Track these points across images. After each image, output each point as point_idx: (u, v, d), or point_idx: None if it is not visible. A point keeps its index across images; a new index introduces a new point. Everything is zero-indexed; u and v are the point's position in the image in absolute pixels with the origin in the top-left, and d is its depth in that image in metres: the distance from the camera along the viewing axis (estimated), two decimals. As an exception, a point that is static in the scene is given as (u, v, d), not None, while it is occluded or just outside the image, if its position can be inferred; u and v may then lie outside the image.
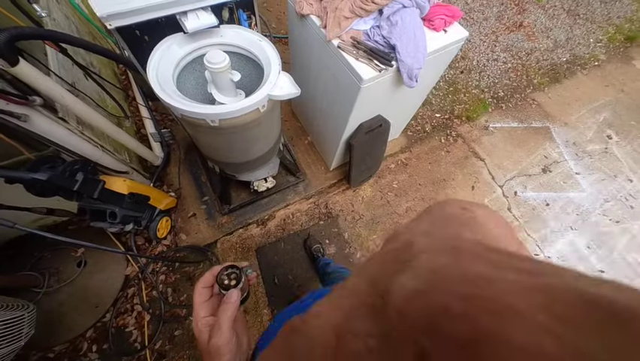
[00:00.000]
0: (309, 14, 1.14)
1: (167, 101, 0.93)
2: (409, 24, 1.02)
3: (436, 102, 2.38)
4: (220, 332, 0.34)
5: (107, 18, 0.90)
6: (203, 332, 0.35)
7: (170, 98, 0.95)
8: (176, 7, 1.00)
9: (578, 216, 2.04)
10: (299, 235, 1.71)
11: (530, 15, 3.15)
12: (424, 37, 1.06)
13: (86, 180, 0.98)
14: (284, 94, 1.02)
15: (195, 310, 0.37)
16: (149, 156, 1.58)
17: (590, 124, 2.49)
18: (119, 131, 1.29)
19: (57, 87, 0.95)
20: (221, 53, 0.99)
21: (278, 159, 1.62)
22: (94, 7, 0.85)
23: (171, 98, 0.95)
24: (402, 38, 1.01)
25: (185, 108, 0.93)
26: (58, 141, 1.01)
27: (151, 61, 1.01)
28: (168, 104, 0.94)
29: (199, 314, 0.37)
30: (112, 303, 1.39)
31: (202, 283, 0.39)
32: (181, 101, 0.95)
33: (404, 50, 1.02)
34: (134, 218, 1.33)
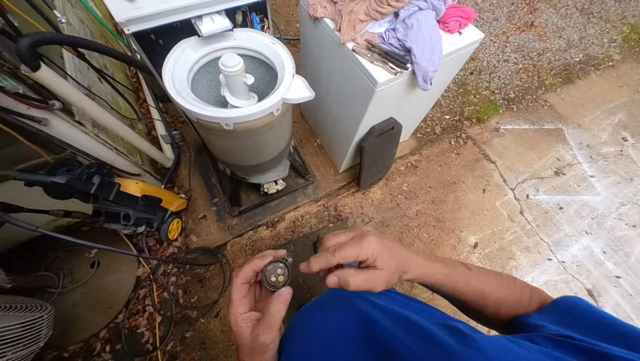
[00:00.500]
0: (322, 17, 1.14)
1: (183, 105, 0.94)
2: (424, 26, 1.00)
3: (446, 104, 2.35)
4: (270, 330, 0.33)
5: (126, 23, 0.90)
6: (244, 328, 0.34)
7: (185, 102, 0.95)
8: (192, 12, 1.00)
9: (593, 220, 1.99)
10: (308, 238, 1.70)
11: (542, 14, 3.10)
12: (439, 39, 1.05)
13: (102, 183, 0.99)
14: (298, 97, 1.02)
15: (234, 306, 0.35)
16: (160, 158, 1.59)
17: (605, 126, 2.44)
18: (132, 133, 1.31)
19: (75, 91, 0.96)
20: (235, 57, 0.99)
21: (288, 162, 1.61)
22: (113, 12, 0.86)
23: (187, 102, 0.95)
24: (418, 41, 1.00)
25: (201, 112, 0.93)
26: (76, 144, 1.03)
27: (166, 65, 1.01)
28: (184, 107, 0.94)
29: (238, 311, 0.35)
30: (124, 304, 1.40)
31: (241, 279, 0.36)
32: (197, 105, 0.95)
33: (420, 52, 1.01)
34: (147, 220, 1.34)
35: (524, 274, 1.75)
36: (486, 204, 1.96)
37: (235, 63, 0.99)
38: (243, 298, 0.36)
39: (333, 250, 0.34)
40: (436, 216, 1.88)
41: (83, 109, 1.02)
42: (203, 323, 1.44)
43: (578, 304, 0.34)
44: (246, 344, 0.34)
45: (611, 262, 1.85)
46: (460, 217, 1.89)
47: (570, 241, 1.90)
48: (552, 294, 0.39)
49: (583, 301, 0.34)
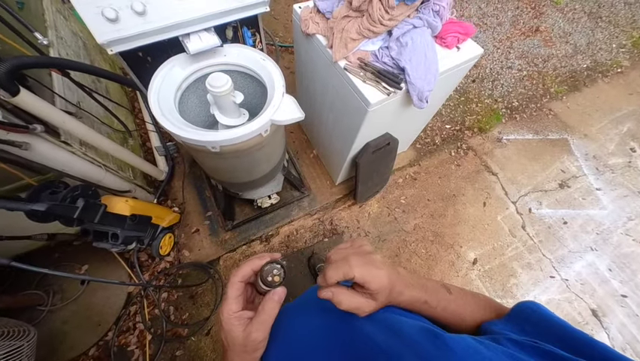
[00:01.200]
0: (314, 34, 1.10)
1: (167, 128, 0.91)
2: (419, 45, 0.96)
3: (446, 113, 2.30)
4: (263, 328, 0.34)
5: (108, 44, 0.88)
6: (236, 325, 0.35)
7: (170, 125, 0.92)
8: (177, 31, 0.98)
9: (599, 236, 1.92)
10: (302, 253, 1.67)
11: (548, 19, 3.02)
12: (435, 58, 1.00)
13: (86, 206, 0.97)
14: (288, 119, 0.98)
15: (228, 304, 0.35)
16: (153, 172, 1.57)
17: (612, 136, 2.36)
18: (122, 150, 1.29)
19: (59, 113, 0.94)
20: (223, 77, 0.96)
21: (282, 176, 1.58)
22: (94, 34, 0.84)
23: (172, 125, 0.92)
24: (412, 60, 0.96)
25: (185, 135, 0.90)
26: (60, 165, 1.01)
27: (152, 85, 0.99)
28: (168, 130, 0.91)
29: (232, 308, 0.35)
30: (114, 321, 1.38)
31: (239, 277, 0.37)
32: (182, 128, 0.92)
33: (414, 72, 0.97)
34: (137, 237, 1.32)
35: (525, 292, 1.70)
36: (486, 219, 1.90)
37: (222, 83, 0.96)
38: (238, 296, 0.36)
39: (351, 266, 0.34)
40: (434, 230, 1.83)
41: (69, 130, 1.00)
42: (194, 342, 1.41)
43: (535, 310, 0.36)
44: (237, 343, 0.35)
45: (616, 280, 1.78)
46: (459, 232, 1.84)
47: (574, 257, 1.83)
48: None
49: (539, 307, 0.36)
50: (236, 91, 1.10)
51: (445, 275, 1.70)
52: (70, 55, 1.39)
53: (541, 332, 0.32)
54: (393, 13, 0.90)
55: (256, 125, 0.94)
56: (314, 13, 1.10)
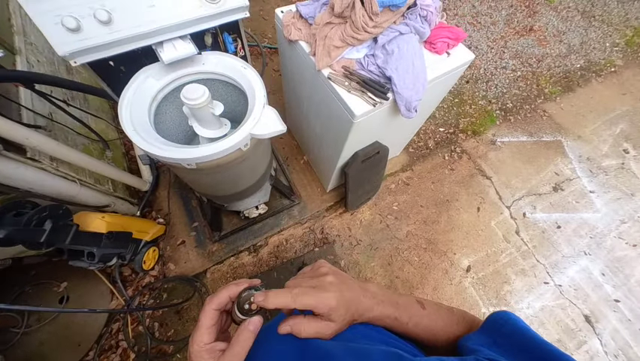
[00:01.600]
0: (297, 40, 1.04)
1: (138, 145, 0.85)
2: (406, 53, 0.91)
3: (440, 115, 2.26)
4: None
5: (71, 56, 0.81)
6: (206, 359, 0.32)
7: (142, 141, 0.86)
8: (149, 40, 0.91)
9: (592, 240, 1.91)
10: (292, 264, 1.63)
11: (542, 18, 2.98)
12: (423, 66, 0.95)
13: (55, 229, 0.91)
14: (268, 132, 0.93)
15: (200, 335, 0.33)
16: (135, 183, 1.51)
17: (606, 137, 2.34)
18: (98, 163, 1.22)
19: (20, 130, 0.88)
20: (199, 88, 0.91)
21: (270, 185, 1.53)
22: (53, 46, 0.77)
23: (143, 141, 0.87)
24: (398, 69, 0.91)
25: (157, 153, 0.85)
26: (26, 184, 0.94)
27: (124, 98, 0.93)
28: (140, 148, 0.85)
29: (203, 339, 0.32)
30: (96, 340, 1.33)
31: (215, 305, 0.34)
32: (154, 145, 0.87)
33: (401, 81, 0.92)
34: (117, 254, 1.26)
35: (519, 299, 1.68)
36: (480, 224, 1.87)
37: (198, 95, 0.90)
38: (212, 326, 0.34)
39: (294, 295, 0.34)
40: (427, 237, 1.79)
41: (34, 147, 0.94)
42: (180, 359, 1.37)
43: (506, 320, 0.36)
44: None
45: (609, 285, 1.77)
46: (452, 238, 1.81)
47: (568, 262, 1.81)
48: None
49: (511, 317, 0.36)
50: (215, 101, 1.04)
51: (439, 283, 1.67)
52: (43, 62, 1.32)
53: (513, 344, 0.33)
54: (377, 19, 0.84)
55: (234, 140, 0.89)
56: (296, 18, 1.04)
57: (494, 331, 0.36)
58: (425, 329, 0.41)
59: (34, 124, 1.04)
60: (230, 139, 0.89)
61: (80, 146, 1.33)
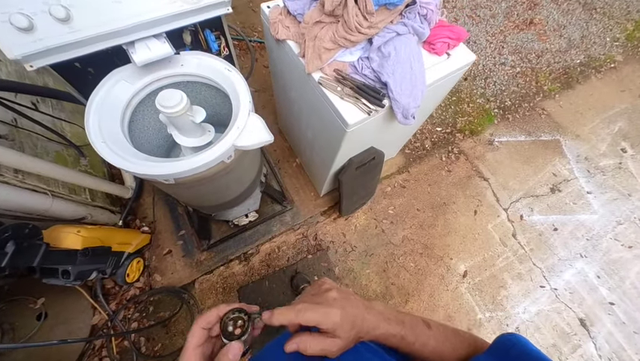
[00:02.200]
0: (285, 40, 0.95)
1: (107, 159, 0.77)
2: (404, 56, 0.83)
3: (437, 115, 2.18)
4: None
5: (25, 59, 0.72)
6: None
7: (113, 155, 0.78)
8: (117, 39, 0.81)
9: (588, 242, 1.89)
10: (285, 272, 1.57)
11: (542, 10, 2.89)
12: (422, 70, 0.88)
13: (19, 251, 0.83)
14: (254, 143, 0.85)
15: (187, 356, 0.32)
16: (115, 190, 1.41)
17: (604, 135, 2.31)
18: (71, 173, 1.13)
19: (-28, 143, 0.78)
20: (175, 94, 0.82)
21: (260, 193, 1.46)
22: (1, 48, 0.67)
23: (114, 155, 0.78)
24: (395, 74, 0.83)
25: (132, 170, 0.76)
26: (-15, 202, 0.85)
27: (91, 105, 0.83)
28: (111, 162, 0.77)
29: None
30: (77, 358, 1.27)
31: (202, 323, 0.34)
32: (127, 160, 0.78)
33: (398, 87, 0.84)
34: (96, 269, 1.18)
35: (515, 304, 1.66)
36: (477, 228, 1.84)
37: (176, 102, 0.81)
38: (198, 346, 0.33)
39: (298, 311, 0.35)
40: (423, 242, 1.75)
41: (-9, 160, 0.84)
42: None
43: (515, 343, 0.35)
44: None
45: (605, 288, 1.76)
46: (449, 243, 1.77)
47: (564, 265, 1.80)
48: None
49: (520, 340, 0.35)
50: (196, 107, 0.95)
51: (435, 290, 1.64)
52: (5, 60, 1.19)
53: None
54: (372, 19, 0.76)
55: (216, 153, 0.81)
56: (284, 15, 0.95)
57: (502, 353, 0.35)
58: (433, 350, 0.40)
59: (-7, 133, 0.94)
60: (211, 152, 0.80)
61: (52, 153, 1.23)
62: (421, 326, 0.41)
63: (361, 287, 1.60)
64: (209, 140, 1.03)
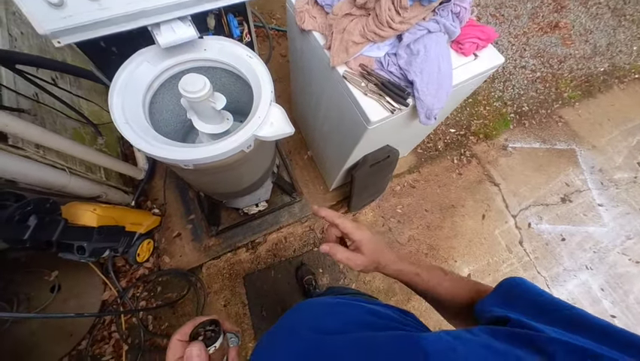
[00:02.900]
0: (310, 30, 0.93)
1: (131, 141, 0.78)
2: (433, 55, 0.81)
3: (452, 116, 2.15)
4: None
5: (53, 35, 0.71)
6: None
7: (136, 137, 0.79)
8: (143, 20, 0.80)
9: (595, 254, 1.88)
10: (291, 263, 1.59)
11: (569, 13, 2.79)
12: (450, 71, 0.86)
13: (40, 224, 0.85)
14: (274, 134, 0.85)
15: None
16: (129, 171, 1.43)
17: (621, 148, 2.26)
18: (88, 151, 1.14)
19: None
20: (199, 79, 0.81)
21: (271, 183, 1.46)
22: (32, 22, 0.67)
23: (137, 137, 0.79)
24: (423, 73, 0.81)
25: (152, 152, 0.77)
26: (7, 174, 0.87)
27: (115, 85, 0.83)
28: (133, 144, 0.78)
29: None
30: (88, 330, 1.31)
31: (179, 335, 0.36)
32: (149, 142, 0.79)
33: (424, 87, 0.82)
34: (109, 247, 1.21)
35: (516, 310, 1.67)
36: (484, 232, 1.83)
37: (199, 87, 0.81)
38: (178, 358, 0.34)
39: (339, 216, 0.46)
40: (429, 243, 1.76)
41: (15, 134, 0.86)
42: None
43: (519, 283, 0.36)
44: None
45: (608, 300, 1.76)
46: (455, 245, 1.78)
47: (568, 276, 1.79)
48: None
49: (524, 281, 0.36)
50: (217, 93, 0.95)
51: (437, 290, 1.65)
52: (27, 34, 1.19)
53: (523, 302, 0.33)
54: (405, 15, 0.74)
55: (236, 142, 0.81)
56: (311, 4, 0.93)
57: (506, 292, 0.37)
58: (447, 289, 0.45)
59: (16, 107, 0.95)
60: (232, 140, 0.81)
61: (70, 130, 1.24)
62: (436, 270, 0.47)
63: (365, 283, 1.62)
64: (227, 128, 1.03)
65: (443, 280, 0.46)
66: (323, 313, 0.44)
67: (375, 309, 0.43)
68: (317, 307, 0.47)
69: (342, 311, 0.44)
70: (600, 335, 0.25)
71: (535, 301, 0.32)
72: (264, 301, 1.48)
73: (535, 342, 0.25)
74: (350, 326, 0.38)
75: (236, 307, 1.47)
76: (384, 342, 0.31)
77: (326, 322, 0.41)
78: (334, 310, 0.45)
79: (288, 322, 0.46)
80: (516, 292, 0.35)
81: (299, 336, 0.39)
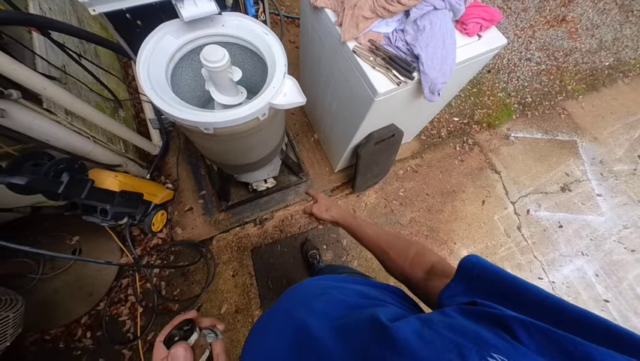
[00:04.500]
0: (323, 7, 0.99)
1: (158, 106, 0.84)
2: (438, 30, 0.87)
3: (456, 104, 2.19)
4: None
5: (90, 3, 0.78)
6: None
7: (161, 102, 0.85)
8: (170, -8, 0.87)
9: (592, 241, 1.93)
10: (296, 239, 1.67)
11: (577, 7, 2.80)
12: (454, 46, 0.91)
13: (72, 181, 0.93)
14: (287, 103, 0.91)
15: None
16: (145, 145, 1.51)
17: (622, 141, 2.29)
18: (111, 122, 1.21)
19: (38, 79, 0.86)
20: (219, 50, 0.88)
21: (280, 160, 1.53)
22: (73, -10, 0.74)
23: (163, 102, 0.86)
24: (428, 48, 0.87)
25: (178, 115, 0.84)
26: (43, 135, 0.95)
27: (142, 54, 0.90)
28: (159, 108, 0.84)
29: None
30: (106, 292, 1.40)
31: (161, 337, 0.39)
32: (174, 106, 0.86)
33: (429, 61, 0.88)
34: (128, 213, 1.29)
35: (512, 291, 1.73)
36: (483, 217, 1.89)
37: (219, 58, 0.88)
38: (162, 358, 0.36)
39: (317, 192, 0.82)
40: (430, 225, 1.82)
41: (50, 98, 0.93)
42: (184, 316, 1.44)
43: (475, 264, 0.35)
44: None
45: (601, 286, 1.82)
46: (454, 228, 1.84)
47: (564, 261, 1.85)
48: None
49: (479, 260, 0.36)
50: (233, 67, 1.01)
51: (436, 270, 1.72)
52: (54, 10, 1.27)
53: (485, 284, 0.33)
54: (413, -10, 0.79)
55: (253, 108, 0.87)
56: (325, -17, 0.98)
57: (467, 275, 0.37)
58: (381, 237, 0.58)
59: (49, 74, 1.02)
60: (249, 107, 0.87)
61: (93, 103, 1.32)
62: (370, 224, 0.63)
63: (366, 260, 1.69)
64: (241, 100, 1.10)
65: (380, 230, 0.59)
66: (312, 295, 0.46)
67: (365, 291, 0.45)
68: (308, 289, 0.49)
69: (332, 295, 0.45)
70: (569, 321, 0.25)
71: (494, 283, 0.32)
72: (270, 273, 1.56)
73: (501, 319, 0.25)
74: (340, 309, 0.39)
75: (243, 277, 1.55)
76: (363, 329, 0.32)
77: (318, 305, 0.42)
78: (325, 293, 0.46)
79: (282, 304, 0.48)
80: (475, 275, 0.35)
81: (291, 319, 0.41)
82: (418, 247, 0.53)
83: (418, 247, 0.53)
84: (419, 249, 0.52)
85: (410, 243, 0.55)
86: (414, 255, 0.51)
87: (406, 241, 0.56)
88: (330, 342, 0.32)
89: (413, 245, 0.54)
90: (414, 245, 0.54)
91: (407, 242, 0.55)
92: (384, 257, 0.56)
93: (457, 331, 0.26)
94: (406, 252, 0.53)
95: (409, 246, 0.54)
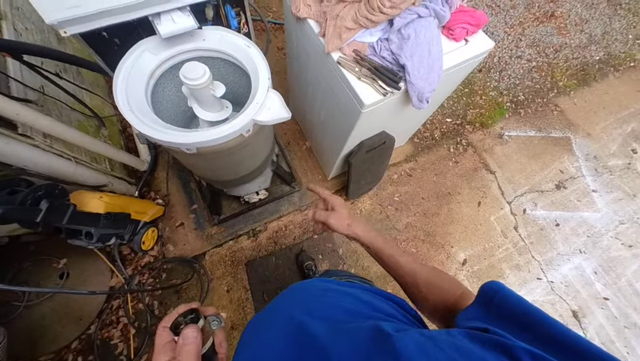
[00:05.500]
0: (306, 18, 0.97)
1: (135, 127, 0.81)
2: (423, 39, 0.84)
3: (449, 105, 2.18)
4: None
5: (60, 25, 0.75)
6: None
7: (138, 122, 0.82)
8: (145, 10, 0.84)
9: (589, 238, 1.92)
10: (291, 250, 1.64)
11: (565, 3, 2.80)
12: (440, 54, 0.89)
13: (51, 208, 0.89)
14: (272, 118, 0.89)
15: (156, 353, 0.36)
16: (133, 162, 1.47)
17: (615, 135, 2.29)
18: (94, 142, 1.18)
19: (10, 105, 0.83)
20: (199, 66, 0.85)
21: (271, 171, 1.50)
22: (40, 11, 0.71)
23: (140, 122, 0.83)
24: (414, 57, 0.85)
25: (156, 136, 0.81)
26: (20, 161, 0.91)
27: (119, 74, 0.87)
28: (137, 129, 0.81)
29: (159, 358, 0.35)
30: (97, 315, 1.36)
31: (165, 322, 0.38)
32: (152, 127, 0.83)
33: (415, 71, 0.86)
34: (115, 234, 1.25)
35: (511, 293, 1.71)
36: (480, 219, 1.87)
37: (199, 75, 0.85)
38: (165, 343, 0.36)
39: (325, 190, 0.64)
40: (426, 230, 1.80)
41: (25, 123, 0.89)
42: (179, 336, 1.41)
43: (497, 291, 0.34)
44: None
45: (600, 283, 1.81)
46: (451, 231, 1.82)
47: (562, 260, 1.84)
48: None
49: (501, 287, 0.34)
50: (216, 82, 0.98)
51: (434, 275, 1.70)
52: (31, 30, 1.23)
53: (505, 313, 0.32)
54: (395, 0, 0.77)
55: (236, 126, 0.85)
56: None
57: (487, 302, 0.36)
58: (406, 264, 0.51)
59: (24, 98, 0.99)
60: (232, 124, 0.84)
61: (75, 122, 1.28)
62: (395, 245, 0.56)
63: (363, 268, 1.67)
64: (226, 116, 1.07)
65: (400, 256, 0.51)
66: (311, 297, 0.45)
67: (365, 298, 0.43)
68: (308, 290, 0.48)
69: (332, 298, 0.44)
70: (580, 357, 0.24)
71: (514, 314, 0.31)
72: (265, 286, 1.53)
73: (510, 350, 0.25)
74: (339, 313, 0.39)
75: (238, 292, 1.52)
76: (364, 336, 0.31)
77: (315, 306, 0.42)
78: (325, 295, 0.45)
79: (280, 304, 0.47)
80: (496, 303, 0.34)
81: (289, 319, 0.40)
82: (462, 289, 0.48)
83: (462, 289, 0.48)
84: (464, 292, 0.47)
85: (452, 285, 0.48)
86: (458, 297, 0.46)
87: (449, 282, 0.49)
88: (330, 344, 0.32)
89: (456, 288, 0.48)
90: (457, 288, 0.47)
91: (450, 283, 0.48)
92: (413, 291, 0.50)
93: (462, 352, 0.25)
94: (447, 295, 0.47)
95: (450, 288, 0.48)
